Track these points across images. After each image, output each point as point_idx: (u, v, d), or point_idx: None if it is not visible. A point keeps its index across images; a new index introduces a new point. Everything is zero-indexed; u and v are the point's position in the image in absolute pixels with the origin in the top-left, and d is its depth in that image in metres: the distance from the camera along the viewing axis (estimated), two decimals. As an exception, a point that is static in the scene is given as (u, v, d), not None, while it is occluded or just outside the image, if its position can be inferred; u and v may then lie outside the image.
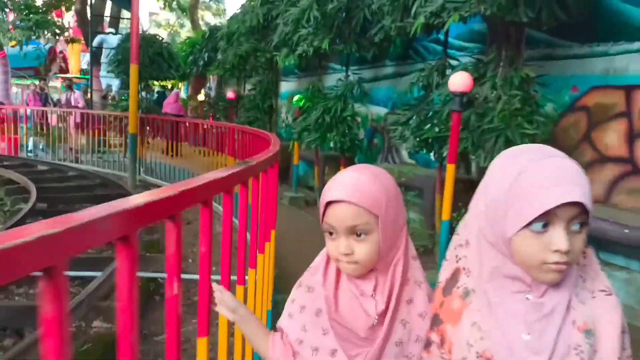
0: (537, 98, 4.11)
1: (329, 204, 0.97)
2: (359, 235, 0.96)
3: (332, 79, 8.37)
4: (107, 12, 12.69)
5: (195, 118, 12.45)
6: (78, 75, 19.68)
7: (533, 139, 3.71)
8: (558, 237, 0.78)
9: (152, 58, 8.96)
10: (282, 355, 1.06)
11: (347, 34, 6.35)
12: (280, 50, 7.71)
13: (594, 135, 4.33)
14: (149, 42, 8.96)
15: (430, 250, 4.84)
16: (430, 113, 4.68)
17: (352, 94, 6.90)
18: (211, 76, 15.27)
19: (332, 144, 6.84)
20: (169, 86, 18.37)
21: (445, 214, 3.91)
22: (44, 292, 0.56)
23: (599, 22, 4.22)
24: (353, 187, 0.96)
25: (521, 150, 0.87)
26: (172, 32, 28.28)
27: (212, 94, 16.01)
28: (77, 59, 19.25)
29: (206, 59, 13.41)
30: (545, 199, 0.76)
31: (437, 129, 4.56)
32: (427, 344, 0.96)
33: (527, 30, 4.38)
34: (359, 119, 7.06)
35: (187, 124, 8.42)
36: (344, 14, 6.18)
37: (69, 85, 12.50)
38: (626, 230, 3.53)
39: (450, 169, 3.86)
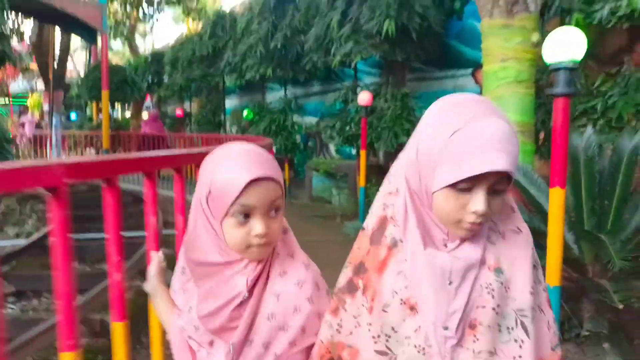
0: (413, 106, 6.49)
1: (251, 183, 0.90)
2: (276, 211, 0.95)
3: (271, 97, 10.51)
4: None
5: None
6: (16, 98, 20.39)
7: (408, 133, 6.06)
8: (478, 199, 0.79)
9: (118, 84, 10.60)
10: (183, 338, 1.06)
11: (285, 64, 8.51)
12: (229, 75, 9.74)
13: (451, 128, 6.80)
14: (114, 70, 10.59)
15: (356, 212, 7.08)
16: (349, 119, 6.95)
17: (291, 108, 9.09)
18: (148, 96, 16.80)
19: (277, 147, 8.94)
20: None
21: (361, 182, 6.16)
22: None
23: (448, 56, 6.70)
24: (267, 162, 0.94)
25: (460, 102, 0.82)
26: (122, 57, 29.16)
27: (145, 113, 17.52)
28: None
29: (150, 81, 15.08)
30: (474, 165, 0.76)
31: (353, 130, 6.82)
32: (352, 289, 0.93)
33: (407, 61, 6.78)
34: (296, 127, 9.25)
35: (169, 138, 10.08)
36: (282, 50, 8.33)
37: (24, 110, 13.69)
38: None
39: (362, 153, 6.12)
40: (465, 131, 0.77)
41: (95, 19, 9.66)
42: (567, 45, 2.28)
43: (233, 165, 0.91)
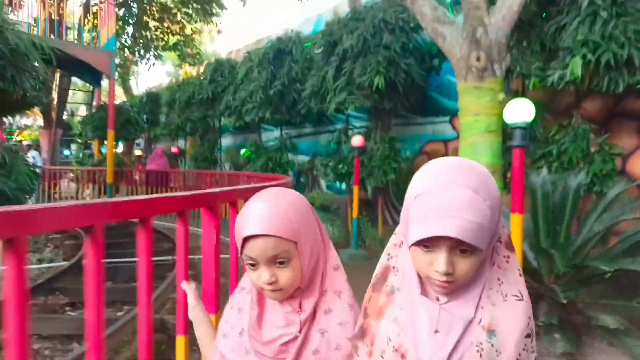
0: (399, 148, 7.41)
1: (247, 238, 0.98)
2: (281, 263, 1.00)
3: (264, 136, 11.38)
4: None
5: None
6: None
7: (394, 169, 6.96)
8: (438, 260, 0.84)
9: (123, 124, 11.36)
10: None
11: (282, 108, 9.42)
12: (230, 117, 10.61)
13: (432, 167, 7.72)
14: (119, 111, 11.34)
15: (348, 241, 7.86)
16: (342, 158, 7.82)
17: (286, 147, 9.95)
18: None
19: (273, 183, 9.73)
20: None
21: (354, 214, 6.98)
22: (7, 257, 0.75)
23: (428, 106, 7.70)
24: (269, 219, 0.98)
25: (432, 168, 0.88)
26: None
27: (141, 149, 18.20)
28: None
29: (144, 120, 15.84)
30: (422, 230, 0.82)
31: (346, 168, 7.68)
32: (363, 335, 0.98)
33: (394, 109, 7.74)
34: (290, 165, 10.08)
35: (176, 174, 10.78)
36: (280, 96, 9.24)
37: (29, 146, 14.29)
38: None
39: (355, 189, 6.98)
40: (422, 197, 0.83)
41: (104, 65, 10.49)
42: (521, 111, 3.19)
43: (242, 219, 1.00)
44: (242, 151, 10.69)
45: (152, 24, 15.36)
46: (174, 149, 14.24)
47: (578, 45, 4.56)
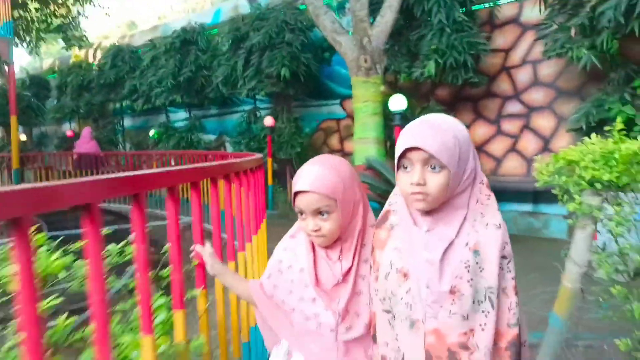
0: (301, 127, 9.03)
1: (297, 193, 1.23)
2: (322, 215, 1.22)
3: (172, 117, 12.25)
4: None
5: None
6: None
7: (300, 143, 8.59)
8: (413, 173, 1.08)
9: (23, 110, 11.40)
10: (262, 297, 1.37)
11: (191, 92, 10.46)
12: (136, 101, 11.33)
13: (326, 140, 9.49)
14: (19, 97, 11.35)
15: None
16: (252, 136, 9.23)
17: (195, 127, 11.03)
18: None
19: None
20: None
21: (269, 181, 8.49)
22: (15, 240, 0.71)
23: (322, 91, 9.40)
24: (314, 179, 1.21)
25: (411, 123, 1.14)
26: None
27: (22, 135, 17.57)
28: None
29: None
30: (400, 146, 1.10)
31: (257, 144, 9.11)
32: (369, 268, 1.24)
33: (292, 94, 9.29)
34: (201, 144, 11.20)
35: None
36: (188, 81, 10.27)
37: None
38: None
39: (269, 161, 8.48)
40: (402, 132, 1.13)
41: (2, 52, 10.50)
42: (399, 102, 4.97)
43: (295, 178, 1.26)
44: (152, 132, 11.49)
45: (31, 5, 14.93)
46: (69, 133, 14.30)
47: (432, 52, 6.53)
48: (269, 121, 8.31)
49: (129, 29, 33.22)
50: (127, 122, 14.14)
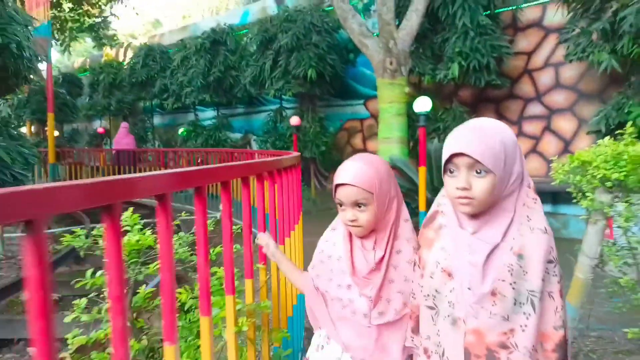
0: (326, 126, 9.31)
1: (337, 185, 1.35)
2: (360, 207, 1.34)
3: (200, 116, 12.66)
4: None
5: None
6: None
7: (325, 142, 8.87)
8: (459, 178, 1.12)
9: (59, 107, 11.93)
10: (311, 288, 1.51)
11: (220, 92, 10.83)
12: (167, 99, 11.75)
13: (350, 140, 9.75)
14: (55, 94, 11.89)
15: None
16: (278, 135, 9.54)
17: (223, 126, 11.40)
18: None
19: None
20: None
21: (295, 179, 8.79)
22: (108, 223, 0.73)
23: (347, 91, 9.65)
24: (355, 173, 1.33)
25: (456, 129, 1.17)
26: None
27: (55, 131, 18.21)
28: None
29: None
30: (446, 151, 1.14)
31: (283, 143, 9.42)
32: (414, 264, 1.33)
33: (318, 94, 9.57)
34: (228, 141, 11.57)
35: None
36: (217, 81, 10.65)
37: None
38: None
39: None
40: (449, 136, 1.18)
41: (41, 51, 11.02)
42: (423, 104, 5.20)
43: (337, 172, 1.37)
44: (180, 130, 11.90)
45: (65, 5, 15.53)
46: (100, 129, 14.85)
47: (456, 54, 6.73)
48: (295, 120, 8.60)
49: (154, 28, 33.91)
50: (156, 120, 14.61)
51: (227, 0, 30.29)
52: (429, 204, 5.77)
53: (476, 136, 1.11)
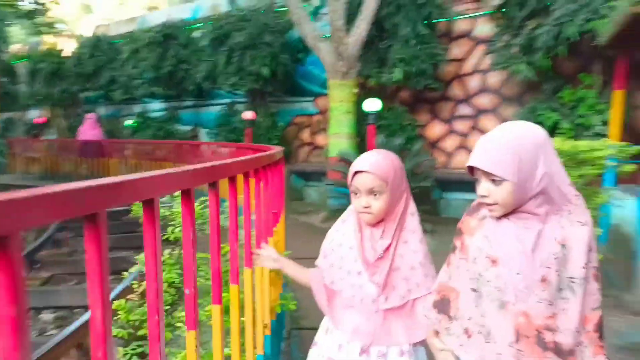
0: (277, 121, 9.91)
1: (355, 173, 1.48)
2: (374, 195, 1.46)
3: (140, 108, 12.71)
4: None
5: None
6: None
7: (277, 136, 9.47)
8: (480, 186, 1.22)
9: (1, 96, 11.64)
10: (320, 283, 1.61)
11: (171, 85, 11.10)
12: (116, 91, 11.82)
13: (299, 134, 10.42)
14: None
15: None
16: (232, 128, 10.02)
17: (173, 118, 11.67)
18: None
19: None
20: None
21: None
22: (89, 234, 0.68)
23: (296, 89, 10.30)
24: (372, 162, 1.47)
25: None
26: None
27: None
28: None
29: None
30: (466, 162, 1.23)
31: (235, 136, 9.91)
32: (453, 248, 1.35)
33: (270, 90, 10.13)
34: (178, 134, 11.84)
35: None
36: (169, 74, 10.91)
37: None
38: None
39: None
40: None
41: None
42: (373, 104, 5.97)
43: (355, 162, 1.51)
44: (129, 121, 12.01)
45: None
46: (40, 119, 14.51)
47: (398, 60, 7.58)
48: (249, 115, 9.13)
49: (85, 13, 32.66)
50: (100, 111, 14.49)
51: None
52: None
53: (488, 149, 1.19)
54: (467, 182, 7.60)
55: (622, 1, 4.32)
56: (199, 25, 11.53)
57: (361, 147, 8.21)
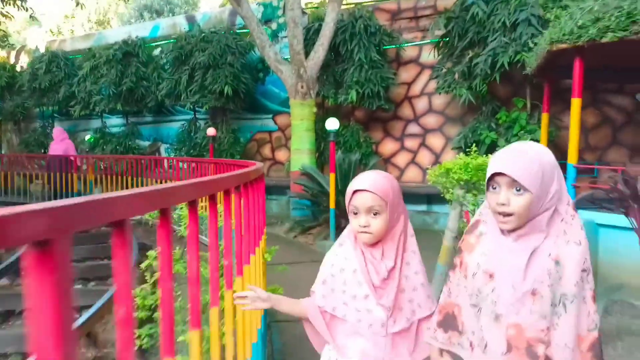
0: (239, 137, 10.35)
1: (354, 192, 1.47)
2: (373, 214, 1.45)
3: (107, 122, 12.83)
4: None
5: None
6: None
7: (239, 152, 9.92)
8: (500, 194, 1.26)
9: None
10: (317, 311, 1.56)
11: (131, 101, 11.31)
12: (71, 105, 11.88)
13: (259, 150, 10.89)
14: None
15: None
16: (193, 144, 10.36)
17: (133, 133, 11.85)
18: None
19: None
20: None
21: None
22: (37, 264, 0.55)
23: (257, 106, 10.79)
24: (372, 181, 1.47)
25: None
26: None
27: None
28: None
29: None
30: (489, 169, 1.27)
31: (197, 151, 10.25)
32: (453, 266, 1.43)
33: (231, 108, 10.56)
34: (138, 149, 12.01)
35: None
36: (129, 91, 11.13)
37: None
38: (273, 182, 10.02)
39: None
40: (493, 157, 1.32)
41: None
42: (333, 123, 6.57)
43: (353, 182, 1.51)
44: (87, 137, 12.07)
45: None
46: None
47: (353, 83, 8.25)
48: (211, 131, 9.53)
49: (28, 25, 31.85)
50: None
51: (108, 9, 29.50)
52: (337, 203, 7.10)
53: (517, 158, 1.25)
54: (419, 195, 8.38)
55: (542, 39, 5.14)
56: (159, 43, 11.84)
57: (320, 161, 8.79)
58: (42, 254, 0.56)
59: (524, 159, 1.24)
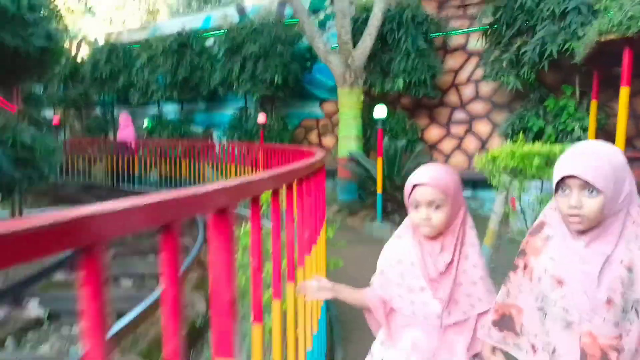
0: (287, 124, 10.77)
1: (415, 186, 1.47)
2: (434, 207, 1.46)
3: (163, 109, 13.53)
4: None
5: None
6: None
7: (288, 138, 10.33)
8: (571, 197, 1.22)
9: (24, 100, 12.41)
10: (378, 301, 1.59)
11: (186, 89, 11.90)
12: (134, 94, 12.61)
13: (307, 136, 11.27)
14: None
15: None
16: (245, 130, 10.85)
17: (187, 120, 12.48)
18: None
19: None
20: None
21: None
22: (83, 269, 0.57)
23: (304, 94, 11.14)
24: (433, 175, 1.47)
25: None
26: None
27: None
28: None
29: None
30: (559, 172, 1.23)
31: (249, 137, 10.73)
32: (514, 267, 1.39)
33: (281, 96, 10.96)
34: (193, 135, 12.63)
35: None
36: (184, 80, 11.72)
37: None
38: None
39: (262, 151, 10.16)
40: (563, 156, 1.28)
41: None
42: (381, 111, 6.84)
43: (412, 175, 1.51)
44: (145, 123, 12.79)
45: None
46: (55, 120, 15.21)
47: (400, 71, 8.46)
48: (262, 119, 9.97)
49: (83, 16, 33.30)
50: (115, 112, 15.26)
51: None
52: (383, 187, 7.40)
53: (588, 159, 1.22)
54: (465, 180, 8.62)
55: (591, 30, 5.22)
56: (212, 34, 12.35)
57: (366, 148, 9.08)
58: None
59: (595, 160, 1.22)
